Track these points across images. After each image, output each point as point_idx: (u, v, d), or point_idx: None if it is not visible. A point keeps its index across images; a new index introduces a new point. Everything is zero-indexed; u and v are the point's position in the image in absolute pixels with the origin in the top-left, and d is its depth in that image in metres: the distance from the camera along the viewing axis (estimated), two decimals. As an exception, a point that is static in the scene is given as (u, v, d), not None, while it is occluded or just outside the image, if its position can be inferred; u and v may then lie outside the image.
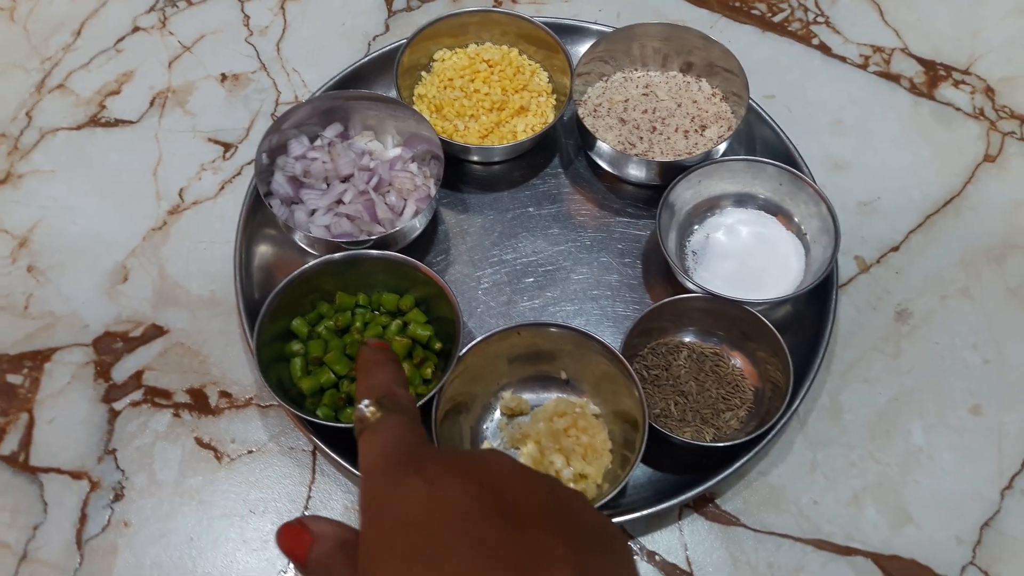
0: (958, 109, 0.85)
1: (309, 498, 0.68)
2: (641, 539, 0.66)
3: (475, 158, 0.79)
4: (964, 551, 0.66)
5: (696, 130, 0.77)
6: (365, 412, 0.37)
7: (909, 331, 0.74)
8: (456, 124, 0.78)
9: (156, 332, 0.74)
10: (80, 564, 0.65)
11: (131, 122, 0.85)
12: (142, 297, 0.76)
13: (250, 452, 0.70)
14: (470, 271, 0.76)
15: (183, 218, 0.80)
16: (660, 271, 0.76)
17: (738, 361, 0.71)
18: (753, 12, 0.91)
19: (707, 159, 0.74)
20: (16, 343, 0.74)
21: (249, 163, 0.82)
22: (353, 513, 0.67)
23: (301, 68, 0.87)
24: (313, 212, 0.73)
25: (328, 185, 0.75)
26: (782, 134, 0.79)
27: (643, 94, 0.79)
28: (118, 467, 0.69)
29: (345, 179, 0.75)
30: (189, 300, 0.76)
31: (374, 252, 0.69)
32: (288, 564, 0.64)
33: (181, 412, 0.71)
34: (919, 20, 0.91)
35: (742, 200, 0.76)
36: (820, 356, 0.69)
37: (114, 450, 0.69)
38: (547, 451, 0.65)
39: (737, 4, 0.91)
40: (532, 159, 0.81)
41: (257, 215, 0.76)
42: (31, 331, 0.74)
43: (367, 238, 0.70)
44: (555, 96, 0.81)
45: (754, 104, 0.79)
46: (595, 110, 0.79)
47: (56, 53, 0.89)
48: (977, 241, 0.78)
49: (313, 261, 0.68)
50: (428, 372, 0.67)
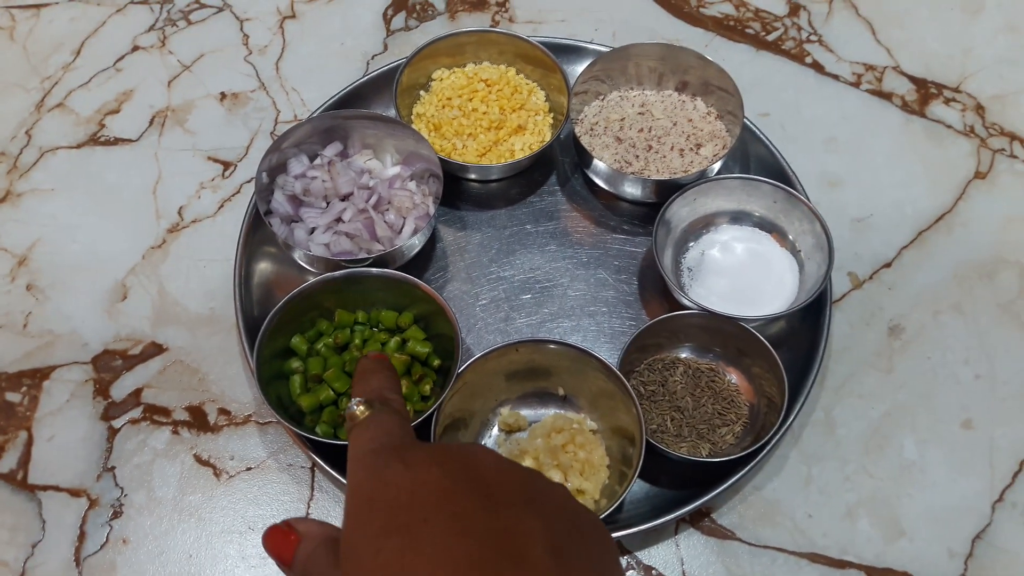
0: (949, 126, 0.86)
1: (308, 515, 0.68)
2: (638, 554, 0.67)
3: (473, 176, 0.80)
4: (956, 564, 0.67)
5: (691, 148, 0.78)
6: (355, 410, 0.38)
7: (902, 346, 0.75)
8: (454, 143, 0.79)
9: (155, 350, 0.75)
10: (79, 582, 0.66)
11: (131, 141, 0.85)
12: (141, 315, 0.76)
13: (249, 469, 0.70)
14: (468, 288, 0.77)
15: (182, 236, 0.80)
16: (656, 287, 0.76)
17: (734, 377, 0.71)
18: (747, 31, 0.92)
19: (702, 177, 0.74)
20: (15, 361, 0.74)
21: (248, 181, 0.82)
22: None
23: (300, 87, 0.88)
24: (313, 230, 0.74)
25: (328, 203, 0.75)
26: (776, 152, 0.80)
27: (639, 113, 0.80)
28: (117, 484, 0.69)
29: (344, 197, 0.75)
30: (188, 318, 0.76)
31: (373, 270, 0.70)
32: None
33: (180, 429, 0.71)
34: (910, 38, 0.92)
35: (737, 217, 0.77)
36: (814, 371, 0.70)
37: (113, 467, 0.70)
38: (545, 467, 0.66)
39: (732, 23, 0.93)
40: (529, 177, 0.82)
41: (256, 233, 0.77)
42: (30, 349, 0.75)
43: (366, 256, 0.71)
44: (552, 115, 0.82)
45: (748, 122, 0.80)
46: (591, 129, 0.80)
47: (56, 72, 0.89)
48: (969, 257, 0.79)
49: (313, 279, 0.69)
50: (427, 389, 0.68)
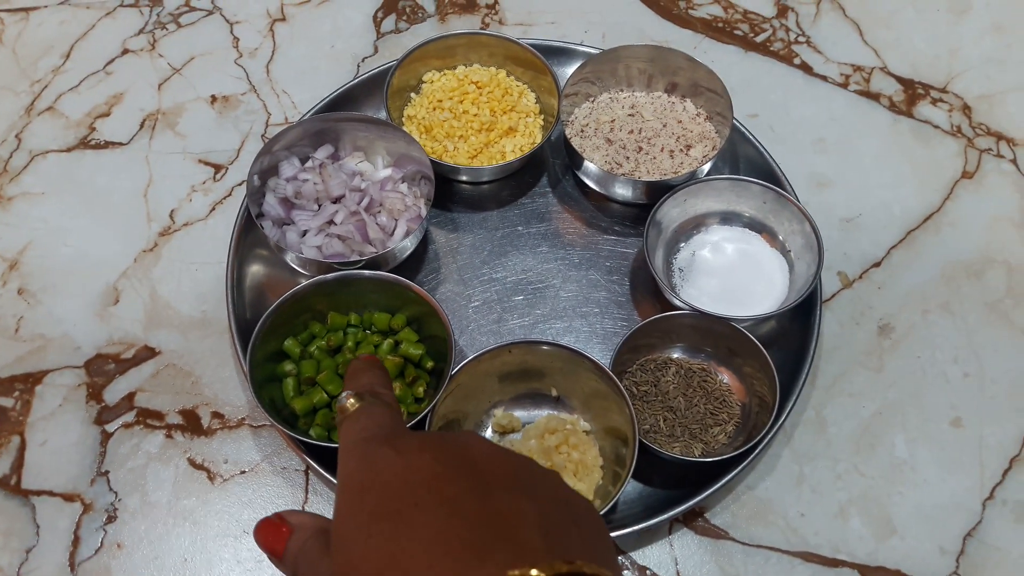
0: (936, 127, 0.87)
1: (302, 517, 0.68)
2: (632, 554, 0.67)
3: (464, 178, 0.80)
4: (948, 561, 0.67)
5: (681, 150, 0.78)
6: (345, 403, 0.38)
7: (891, 345, 0.76)
8: (446, 145, 0.79)
9: (148, 353, 0.74)
10: (73, 587, 0.66)
11: (121, 144, 0.85)
12: (134, 319, 0.76)
13: (243, 472, 0.70)
14: (461, 289, 0.77)
15: (174, 239, 0.80)
16: (647, 288, 0.77)
17: (725, 377, 0.72)
18: (736, 32, 0.93)
19: (692, 178, 0.75)
20: (7, 366, 0.74)
21: (240, 184, 0.82)
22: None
23: (291, 90, 0.88)
24: (304, 233, 0.74)
25: (319, 206, 0.75)
26: (765, 153, 0.80)
27: (629, 114, 0.81)
28: (111, 489, 0.69)
29: (336, 200, 0.75)
30: (181, 321, 0.76)
31: (366, 272, 0.70)
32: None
33: (174, 433, 0.71)
34: (898, 39, 0.92)
35: (727, 218, 0.77)
36: (805, 371, 0.70)
37: (106, 472, 0.70)
38: (538, 468, 0.66)
39: (720, 25, 0.93)
40: (521, 179, 0.82)
41: (248, 236, 0.77)
42: (22, 354, 0.75)
43: (358, 258, 0.71)
44: (543, 117, 0.82)
45: (738, 124, 0.80)
46: (582, 130, 0.80)
47: (46, 76, 0.89)
48: (957, 256, 0.80)
49: (305, 282, 0.69)
50: (420, 391, 0.68)
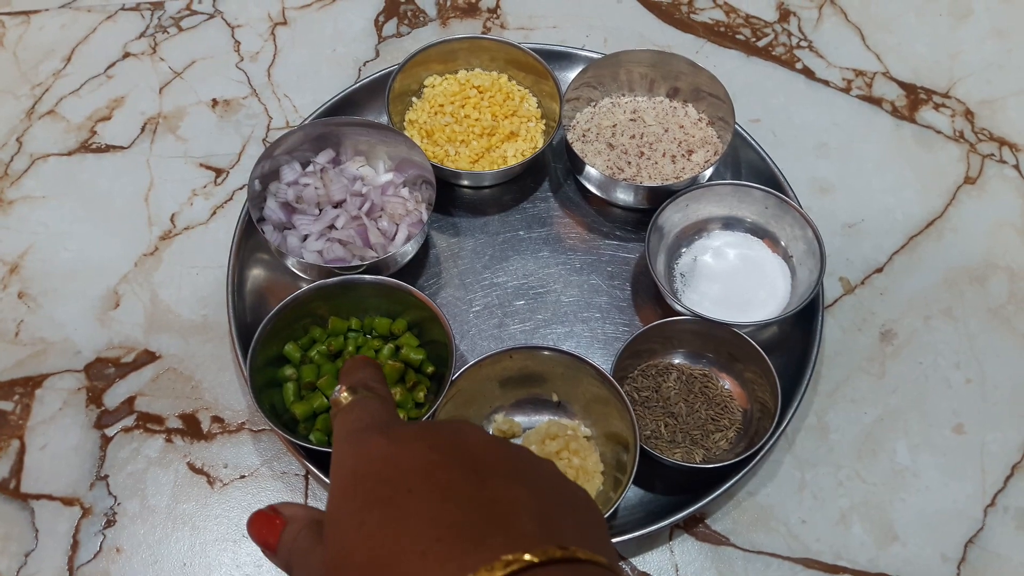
0: (939, 132, 0.87)
1: (302, 523, 0.68)
2: (633, 560, 0.67)
3: (466, 183, 0.80)
4: (949, 568, 0.67)
5: (683, 155, 0.78)
6: (339, 396, 0.38)
7: (893, 351, 0.75)
8: (447, 149, 0.79)
9: (148, 358, 0.74)
10: (72, 592, 0.65)
11: (122, 148, 0.85)
12: (134, 323, 0.76)
13: (243, 477, 0.70)
14: (462, 294, 0.77)
15: (175, 243, 0.80)
16: (649, 293, 0.77)
17: (727, 382, 0.71)
18: (738, 37, 0.92)
19: (694, 183, 0.75)
20: (7, 369, 0.74)
21: (241, 188, 0.82)
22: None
23: (292, 94, 0.88)
24: (305, 237, 0.74)
25: (320, 211, 0.75)
26: (767, 158, 0.80)
27: (631, 119, 0.81)
28: (110, 493, 0.69)
29: (337, 204, 0.75)
30: (181, 325, 0.76)
31: (367, 277, 0.70)
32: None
33: (173, 437, 0.71)
34: (899, 44, 0.92)
35: (729, 223, 0.77)
36: (807, 377, 0.70)
37: (106, 476, 0.69)
38: (539, 474, 0.66)
39: (722, 29, 0.93)
40: (522, 183, 0.82)
41: (249, 240, 0.76)
42: (22, 357, 0.74)
43: (360, 263, 0.71)
44: (544, 121, 0.82)
45: (740, 129, 0.80)
46: (584, 135, 0.80)
47: (46, 79, 0.89)
48: (959, 262, 0.80)
49: (306, 286, 0.69)
50: (421, 396, 0.68)
